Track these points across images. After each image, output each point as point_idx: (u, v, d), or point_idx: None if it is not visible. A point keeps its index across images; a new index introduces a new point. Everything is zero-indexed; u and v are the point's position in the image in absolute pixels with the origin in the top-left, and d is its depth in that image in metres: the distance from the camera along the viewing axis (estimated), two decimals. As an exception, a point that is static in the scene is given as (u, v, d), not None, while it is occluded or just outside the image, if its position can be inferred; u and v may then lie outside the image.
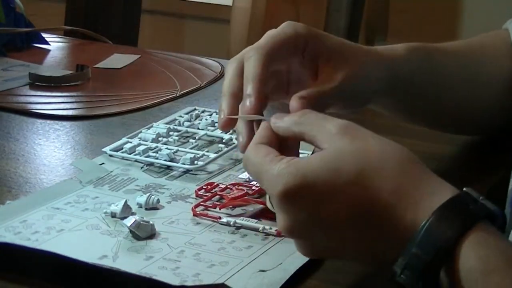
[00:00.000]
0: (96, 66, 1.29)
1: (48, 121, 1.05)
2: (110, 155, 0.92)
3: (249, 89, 0.72)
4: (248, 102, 0.72)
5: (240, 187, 0.82)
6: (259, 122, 0.71)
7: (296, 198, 0.63)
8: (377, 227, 0.62)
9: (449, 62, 0.90)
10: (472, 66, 0.91)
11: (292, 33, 0.76)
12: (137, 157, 0.90)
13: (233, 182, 0.85)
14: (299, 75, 0.78)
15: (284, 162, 0.64)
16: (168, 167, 0.89)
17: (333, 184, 0.62)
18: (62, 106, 1.12)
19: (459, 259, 0.58)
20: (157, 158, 0.90)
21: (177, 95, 1.16)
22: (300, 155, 0.70)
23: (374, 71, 0.80)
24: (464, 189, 0.61)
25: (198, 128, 0.99)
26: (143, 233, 0.73)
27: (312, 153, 0.68)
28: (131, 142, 0.93)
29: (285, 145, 0.69)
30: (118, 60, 1.33)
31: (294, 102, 0.72)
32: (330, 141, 0.65)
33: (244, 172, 0.88)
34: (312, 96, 0.73)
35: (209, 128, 0.99)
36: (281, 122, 0.69)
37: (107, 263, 0.69)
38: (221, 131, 0.95)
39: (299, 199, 0.63)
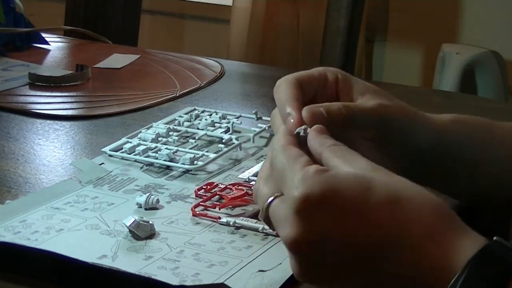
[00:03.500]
0: (96, 66, 1.29)
1: (48, 121, 1.05)
2: (110, 155, 0.92)
3: (287, 109, 0.67)
4: (291, 119, 0.66)
5: (239, 187, 0.82)
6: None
7: (317, 208, 0.57)
8: (399, 261, 0.57)
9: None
10: None
11: (322, 70, 0.73)
12: (137, 157, 0.90)
13: (232, 182, 0.85)
14: None
15: (314, 168, 0.58)
16: (168, 167, 0.89)
17: (362, 202, 0.57)
18: (62, 106, 1.12)
19: None
20: (156, 158, 0.90)
21: (177, 95, 1.16)
22: None
23: (419, 126, 0.74)
24: (494, 238, 0.57)
25: (198, 128, 0.99)
26: (143, 233, 0.73)
27: None
28: (130, 142, 0.93)
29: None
30: (118, 60, 1.33)
31: (305, 112, 0.66)
32: (361, 171, 0.59)
33: (243, 172, 0.88)
34: (331, 109, 0.67)
35: (208, 128, 0.99)
36: (314, 140, 0.63)
37: (107, 262, 0.69)
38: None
39: (320, 209, 0.56)
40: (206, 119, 1.01)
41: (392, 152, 0.72)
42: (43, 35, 1.42)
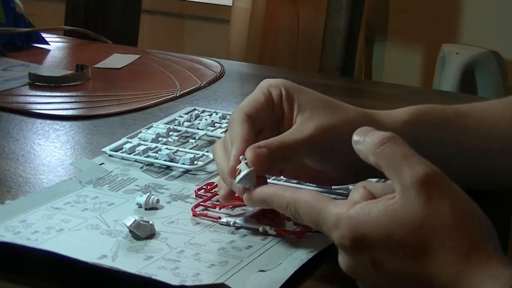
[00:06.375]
0: (96, 66, 1.29)
1: (48, 121, 1.05)
2: (110, 155, 0.92)
3: (233, 149, 0.73)
4: (229, 164, 0.72)
5: (239, 187, 0.82)
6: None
7: (351, 251, 0.62)
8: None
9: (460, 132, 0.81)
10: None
11: (267, 91, 0.76)
12: (137, 157, 0.90)
13: (232, 182, 0.85)
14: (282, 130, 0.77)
15: (342, 210, 0.63)
16: (168, 167, 0.89)
17: (390, 254, 0.60)
18: (62, 106, 1.12)
19: None
20: (157, 158, 0.90)
21: (177, 95, 1.16)
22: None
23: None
24: None
25: (198, 128, 0.99)
26: (143, 233, 0.73)
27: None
28: (130, 142, 0.93)
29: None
30: (118, 60, 1.33)
31: (249, 153, 0.71)
32: (402, 194, 0.61)
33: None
34: (271, 147, 0.72)
35: (208, 128, 0.99)
36: (361, 145, 0.65)
37: (107, 262, 0.69)
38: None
39: (354, 252, 0.62)
40: (206, 119, 1.01)
41: (340, 163, 0.76)
42: (43, 35, 1.42)
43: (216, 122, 1.00)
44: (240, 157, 0.72)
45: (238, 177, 0.72)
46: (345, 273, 0.64)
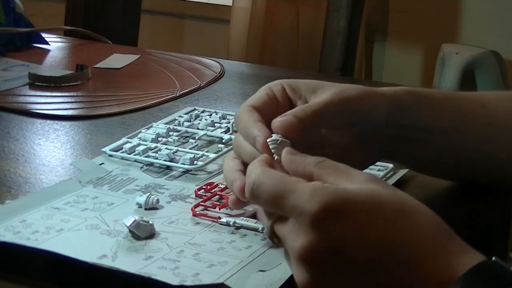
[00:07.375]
0: (96, 66, 1.29)
1: (48, 121, 1.05)
2: (110, 155, 0.92)
3: (253, 132, 0.70)
4: (256, 143, 0.69)
5: (239, 187, 0.82)
6: None
7: (334, 218, 0.59)
8: (409, 268, 0.59)
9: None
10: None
11: (269, 90, 0.75)
12: (137, 157, 0.90)
13: (232, 182, 0.85)
14: None
15: (318, 182, 0.61)
16: (168, 167, 0.89)
17: (374, 215, 0.59)
18: (62, 106, 1.12)
19: None
20: (156, 158, 0.90)
21: (177, 95, 1.16)
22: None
23: (369, 99, 0.77)
24: (493, 258, 0.59)
25: (198, 128, 0.99)
26: (143, 233, 0.73)
27: None
28: (130, 142, 0.93)
29: None
30: (118, 60, 1.33)
31: (276, 122, 0.69)
32: (361, 184, 0.61)
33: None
34: (296, 112, 0.71)
35: (208, 128, 0.99)
36: (294, 163, 0.65)
37: (107, 262, 0.69)
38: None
39: (337, 219, 0.58)
40: (206, 119, 1.01)
41: (357, 133, 0.76)
42: (43, 35, 1.42)
43: (216, 122, 1.00)
44: (268, 140, 0.69)
45: (273, 137, 0.69)
46: (308, 258, 0.60)
